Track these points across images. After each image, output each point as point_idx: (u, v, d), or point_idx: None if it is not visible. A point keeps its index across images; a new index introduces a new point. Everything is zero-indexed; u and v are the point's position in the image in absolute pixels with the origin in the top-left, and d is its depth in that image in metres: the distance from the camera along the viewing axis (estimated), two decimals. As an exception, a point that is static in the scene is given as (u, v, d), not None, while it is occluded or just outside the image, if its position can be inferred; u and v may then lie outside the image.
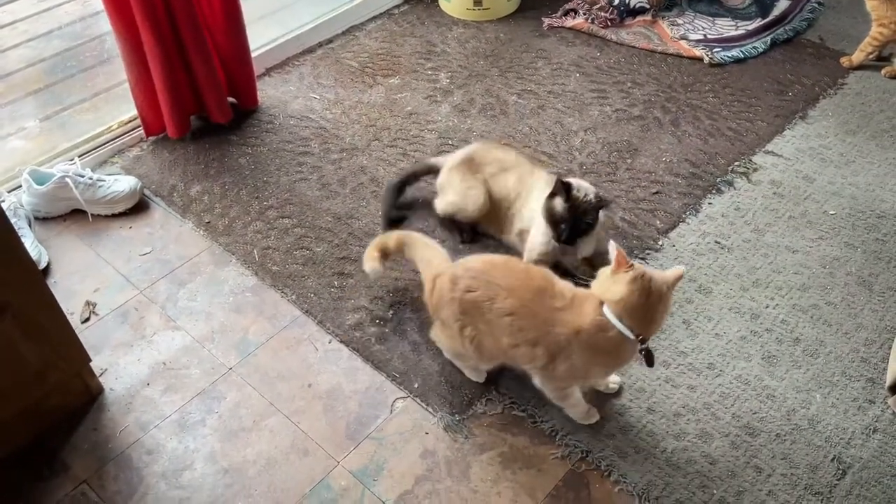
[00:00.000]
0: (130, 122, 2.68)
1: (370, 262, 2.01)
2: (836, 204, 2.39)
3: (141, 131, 2.64)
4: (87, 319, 2.10)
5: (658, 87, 2.88)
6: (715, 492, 1.70)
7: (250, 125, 2.72)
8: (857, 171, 2.50)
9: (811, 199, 2.41)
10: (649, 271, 1.58)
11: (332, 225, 2.34)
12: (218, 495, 1.73)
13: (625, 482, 1.73)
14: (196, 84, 2.57)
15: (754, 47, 3.02)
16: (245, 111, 2.76)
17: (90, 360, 1.84)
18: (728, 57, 2.98)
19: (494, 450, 1.80)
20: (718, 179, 2.48)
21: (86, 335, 2.03)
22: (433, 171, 2.38)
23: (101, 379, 1.94)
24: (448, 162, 2.31)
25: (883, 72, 2.88)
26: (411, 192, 2.42)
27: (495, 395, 1.90)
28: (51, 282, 2.19)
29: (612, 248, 1.60)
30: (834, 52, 3.01)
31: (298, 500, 1.71)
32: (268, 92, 2.87)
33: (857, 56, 2.90)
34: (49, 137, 2.78)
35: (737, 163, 2.54)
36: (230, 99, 2.72)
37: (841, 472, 1.74)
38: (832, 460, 1.76)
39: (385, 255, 2.02)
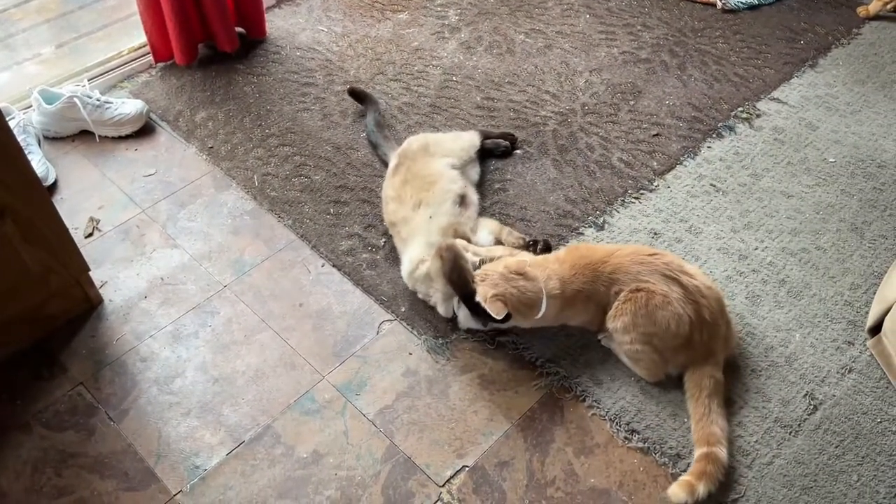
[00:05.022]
0: (140, 48, 2.71)
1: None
2: (837, 152, 2.37)
3: (150, 58, 2.68)
4: (91, 235, 2.17)
5: (668, 30, 2.85)
6: (685, 420, 1.73)
7: (257, 55, 2.75)
8: (861, 121, 2.47)
9: (812, 146, 2.39)
10: None
11: (332, 154, 2.38)
12: (207, 401, 1.80)
13: (598, 407, 1.78)
14: (204, 12, 2.59)
15: (770, -6, 2.98)
16: (253, 41, 2.79)
17: (89, 269, 1.91)
18: (741, 3, 2.94)
19: (474, 371, 1.85)
20: (720, 124, 2.47)
21: (88, 249, 2.10)
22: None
23: (100, 290, 2.01)
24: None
25: (900, 23, 2.84)
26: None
27: (479, 322, 1.94)
28: (58, 198, 2.26)
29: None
30: (850, 2, 2.95)
31: (283, 409, 1.79)
32: (276, 23, 2.89)
33: (874, 6, 2.85)
34: (63, 63, 2.83)
35: (740, 108, 2.52)
36: (238, 29, 2.74)
37: (812, 407, 1.77)
38: (804, 396, 1.79)
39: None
